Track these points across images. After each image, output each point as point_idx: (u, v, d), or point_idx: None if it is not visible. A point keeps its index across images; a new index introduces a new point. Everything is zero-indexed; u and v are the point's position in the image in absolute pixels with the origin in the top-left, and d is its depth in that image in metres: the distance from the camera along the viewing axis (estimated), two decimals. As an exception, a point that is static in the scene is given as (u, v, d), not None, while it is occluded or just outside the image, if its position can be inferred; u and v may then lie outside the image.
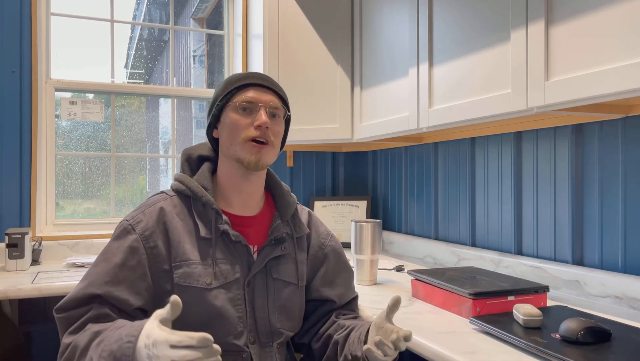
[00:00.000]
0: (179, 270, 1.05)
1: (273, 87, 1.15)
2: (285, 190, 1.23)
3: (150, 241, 1.05)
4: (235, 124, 1.10)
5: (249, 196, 1.16)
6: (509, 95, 1.34)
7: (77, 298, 0.99)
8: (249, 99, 1.10)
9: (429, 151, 2.18)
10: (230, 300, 1.07)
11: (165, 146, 3.10)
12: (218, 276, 1.06)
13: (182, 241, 1.06)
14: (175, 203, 1.11)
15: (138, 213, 1.08)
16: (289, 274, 1.16)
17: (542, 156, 1.61)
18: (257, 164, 1.10)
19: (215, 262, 1.07)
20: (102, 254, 1.05)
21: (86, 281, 1.01)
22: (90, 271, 1.03)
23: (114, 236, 1.07)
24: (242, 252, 1.11)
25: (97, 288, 0.99)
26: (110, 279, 1.00)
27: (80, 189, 2.46)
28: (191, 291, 1.04)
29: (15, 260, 1.92)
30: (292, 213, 1.21)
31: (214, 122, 1.16)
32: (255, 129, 1.09)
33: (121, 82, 2.49)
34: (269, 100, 1.12)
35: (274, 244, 1.15)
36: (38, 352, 2.15)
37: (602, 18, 1.10)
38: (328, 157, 2.75)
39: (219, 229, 1.09)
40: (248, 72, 1.16)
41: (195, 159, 1.20)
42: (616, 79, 1.06)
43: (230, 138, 1.11)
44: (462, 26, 1.53)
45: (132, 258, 1.03)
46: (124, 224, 1.07)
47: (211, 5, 4.42)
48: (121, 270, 1.01)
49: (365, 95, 2.10)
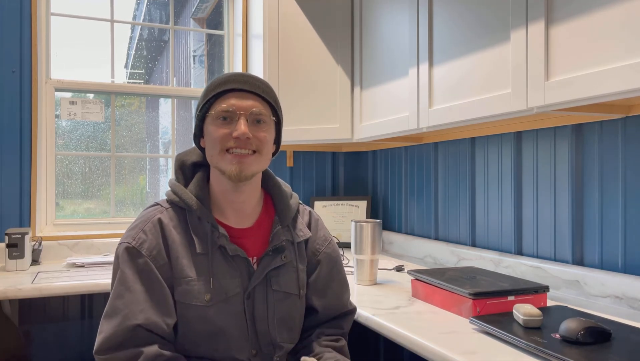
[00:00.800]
0: (178, 288, 1.03)
1: (255, 90, 1.06)
2: (285, 192, 1.19)
3: (159, 259, 1.03)
4: (214, 135, 1.04)
5: (242, 206, 1.11)
6: (508, 95, 1.34)
7: (118, 333, 0.96)
8: (227, 108, 1.04)
9: (429, 151, 2.18)
10: (231, 315, 1.05)
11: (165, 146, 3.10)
12: (217, 291, 1.04)
13: (180, 256, 1.04)
14: (171, 215, 1.07)
15: (138, 232, 1.04)
16: (289, 285, 1.13)
17: (542, 156, 1.61)
18: (240, 176, 1.04)
19: (213, 277, 1.04)
20: (121, 284, 1.00)
21: (119, 315, 0.97)
22: (117, 304, 0.99)
23: (122, 262, 1.02)
24: (241, 265, 1.08)
25: (135, 318, 0.97)
26: (143, 307, 0.98)
27: (80, 189, 2.46)
28: (192, 309, 1.02)
29: (15, 260, 1.92)
30: (292, 217, 1.17)
31: (199, 133, 1.11)
32: (234, 140, 1.03)
33: (121, 82, 2.49)
34: (249, 106, 1.04)
35: (273, 254, 1.11)
36: (38, 352, 2.15)
37: (602, 18, 1.10)
38: (328, 157, 2.76)
39: (216, 243, 1.05)
40: (229, 75, 1.08)
41: (189, 166, 1.15)
42: (616, 79, 1.06)
43: (211, 150, 1.06)
44: (462, 26, 1.53)
45: (149, 281, 1.01)
46: (129, 249, 1.02)
47: (211, 5, 4.42)
48: (147, 295, 0.99)
49: (365, 95, 2.10)
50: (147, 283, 1.00)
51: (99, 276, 1.80)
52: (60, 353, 2.18)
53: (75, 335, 2.20)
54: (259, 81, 1.09)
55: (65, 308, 2.20)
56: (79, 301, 2.22)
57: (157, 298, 1.00)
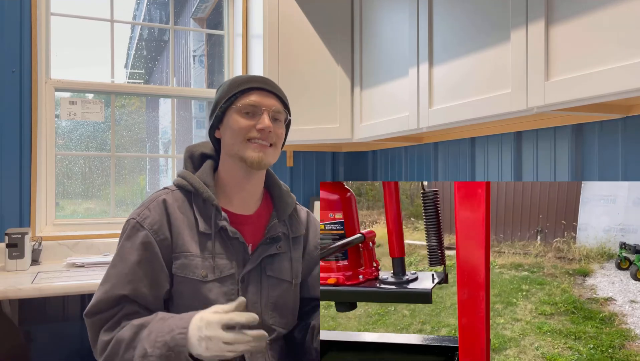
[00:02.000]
0: (177, 261, 1.09)
1: (276, 91, 1.18)
2: (284, 190, 1.25)
3: (160, 233, 1.09)
4: (239, 126, 1.13)
5: (249, 194, 1.19)
6: (509, 95, 1.34)
7: (104, 300, 1.05)
8: (252, 103, 1.13)
9: (429, 151, 2.18)
10: (224, 294, 1.10)
11: (165, 146, 3.10)
12: (215, 269, 1.10)
13: (182, 233, 1.10)
14: (177, 197, 1.14)
15: (143, 209, 1.12)
16: (283, 272, 1.19)
17: (542, 156, 1.61)
18: (260, 163, 1.13)
19: (212, 256, 1.10)
20: (118, 255, 1.09)
21: (108, 283, 1.06)
22: (110, 273, 1.08)
23: (125, 235, 1.10)
24: (238, 249, 1.14)
25: (122, 288, 1.05)
26: (132, 278, 1.05)
27: (80, 189, 2.46)
28: (187, 283, 1.08)
29: (15, 260, 1.92)
30: (289, 213, 1.23)
31: (217, 123, 1.18)
32: (258, 132, 1.12)
33: (121, 82, 2.49)
34: (271, 104, 1.15)
35: (269, 242, 1.18)
36: (38, 352, 2.15)
37: (602, 18, 1.10)
38: (328, 157, 2.76)
39: (218, 225, 1.12)
40: (251, 76, 1.19)
41: (198, 156, 1.22)
42: (616, 79, 1.06)
43: (234, 139, 1.14)
44: (462, 26, 1.53)
45: (147, 253, 1.07)
46: (131, 222, 1.10)
47: (211, 5, 4.42)
48: (140, 267, 1.06)
49: (365, 95, 2.09)
50: (144, 255, 1.07)
51: (99, 276, 1.79)
52: (60, 353, 2.18)
53: (75, 334, 2.20)
54: (276, 84, 1.20)
55: (65, 308, 2.20)
56: (78, 301, 2.21)
57: (151, 270, 1.07)
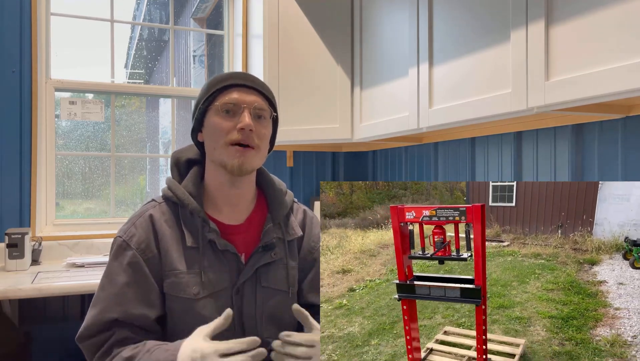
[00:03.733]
0: (167, 280, 1.05)
1: (257, 86, 1.10)
2: (278, 189, 1.19)
3: (147, 252, 1.05)
4: (217, 128, 1.06)
5: (237, 201, 1.13)
6: (509, 95, 1.34)
7: (95, 324, 1.01)
8: (231, 101, 1.06)
9: (429, 151, 2.18)
10: (219, 309, 1.04)
11: (165, 146, 3.10)
12: (206, 285, 1.05)
13: (170, 249, 1.06)
14: (164, 210, 1.10)
15: (130, 226, 1.08)
16: (279, 282, 1.13)
17: (542, 156, 1.61)
18: (241, 169, 1.06)
19: (202, 271, 1.05)
20: (106, 277, 1.05)
21: (97, 307, 1.02)
22: (99, 295, 1.04)
23: (112, 255, 1.06)
24: (230, 260, 1.09)
25: (112, 311, 1.01)
26: (121, 300, 1.01)
27: (80, 189, 2.46)
28: (179, 301, 1.04)
29: (15, 260, 1.92)
30: (285, 214, 1.17)
31: (198, 126, 1.12)
32: (238, 132, 1.05)
33: (121, 82, 2.49)
34: (252, 101, 1.07)
35: (263, 250, 1.12)
36: (38, 352, 2.15)
37: (602, 18, 1.10)
38: (328, 157, 2.76)
39: (206, 237, 1.07)
40: (231, 72, 1.11)
41: (184, 162, 1.16)
42: (616, 79, 1.06)
43: (214, 142, 1.07)
44: (462, 26, 1.53)
45: (135, 274, 1.03)
46: (118, 241, 1.06)
47: (211, 5, 4.42)
48: (129, 288, 1.02)
49: (365, 95, 2.09)
50: (132, 275, 1.03)
51: (98, 276, 1.79)
52: (60, 353, 2.18)
53: (75, 334, 2.20)
54: (258, 79, 1.13)
55: (65, 308, 2.20)
56: (78, 301, 2.21)
57: (141, 290, 1.03)
